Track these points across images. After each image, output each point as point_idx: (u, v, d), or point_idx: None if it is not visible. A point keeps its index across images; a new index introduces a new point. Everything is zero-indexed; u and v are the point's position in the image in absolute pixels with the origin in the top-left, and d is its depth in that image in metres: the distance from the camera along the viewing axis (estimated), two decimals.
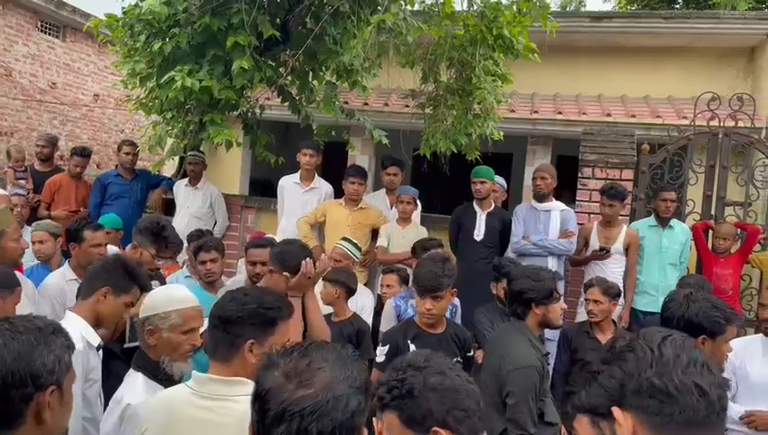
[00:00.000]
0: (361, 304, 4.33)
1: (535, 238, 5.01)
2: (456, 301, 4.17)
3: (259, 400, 1.22)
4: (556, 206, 5.14)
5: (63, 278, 3.57)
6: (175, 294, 2.33)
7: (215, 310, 1.95)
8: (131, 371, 2.25)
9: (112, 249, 4.40)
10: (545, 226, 5.06)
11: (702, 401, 1.06)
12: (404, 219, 5.42)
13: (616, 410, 1.11)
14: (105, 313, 2.51)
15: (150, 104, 5.59)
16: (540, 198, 5.14)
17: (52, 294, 3.39)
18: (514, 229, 5.15)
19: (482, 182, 5.18)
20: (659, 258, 5.13)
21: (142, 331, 2.26)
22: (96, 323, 2.50)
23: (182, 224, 5.77)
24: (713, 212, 5.68)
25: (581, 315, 4.64)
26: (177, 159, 6.88)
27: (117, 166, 6.65)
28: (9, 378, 1.30)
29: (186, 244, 4.74)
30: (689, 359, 1.09)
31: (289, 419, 1.15)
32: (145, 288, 2.60)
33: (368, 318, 4.28)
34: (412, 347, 3.08)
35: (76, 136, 11.63)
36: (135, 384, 2.18)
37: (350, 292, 4.01)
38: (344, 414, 1.16)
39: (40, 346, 1.36)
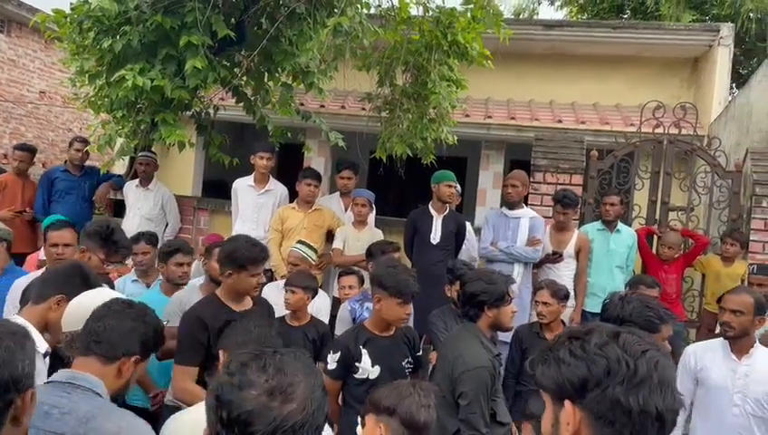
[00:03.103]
0: (317, 307, 4.29)
1: (503, 245, 5.09)
2: None
3: (238, 423, 1.20)
4: (526, 213, 5.23)
5: None
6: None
7: None
8: None
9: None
10: (514, 232, 5.14)
11: (655, 426, 1.11)
12: (359, 222, 5.42)
13: (568, 405, 1.14)
14: (54, 320, 2.43)
15: (100, 103, 5.42)
16: (510, 205, 5.23)
17: None
18: (484, 235, 5.23)
19: (449, 186, 5.23)
20: (607, 261, 5.28)
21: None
22: (42, 330, 2.42)
23: (133, 226, 5.62)
24: (657, 217, 5.88)
25: (533, 317, 4.74)
26: (127, 159, 6.71)
27: (65, 162, 6.47)
28: None
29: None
30: (659, 379, 1.12)
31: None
32: None
33: (323, 320, 4.26)
34: (365, 352, 3.08)
35: (21, 134, 11.19)
36: None
37: (315, 294, 4.01)
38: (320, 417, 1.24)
39: (18, 351, 1.34)
